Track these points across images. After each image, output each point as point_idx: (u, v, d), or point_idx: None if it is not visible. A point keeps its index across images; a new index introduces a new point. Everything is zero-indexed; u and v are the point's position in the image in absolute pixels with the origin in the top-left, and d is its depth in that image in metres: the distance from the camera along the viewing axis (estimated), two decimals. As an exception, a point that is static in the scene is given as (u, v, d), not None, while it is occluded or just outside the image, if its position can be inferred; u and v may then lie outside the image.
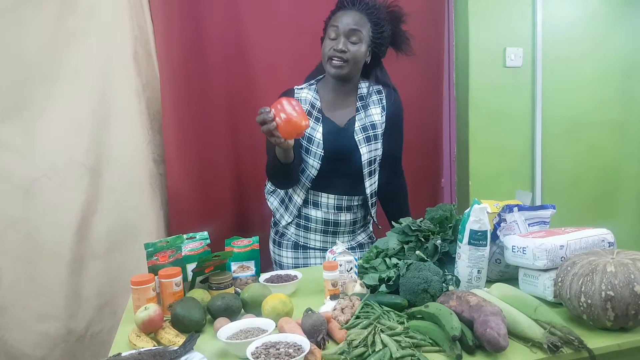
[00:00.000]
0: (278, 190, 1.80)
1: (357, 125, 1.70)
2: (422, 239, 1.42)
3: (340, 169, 1.69)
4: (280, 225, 1.79)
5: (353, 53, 1.62)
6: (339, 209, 1.73)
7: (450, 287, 1.26)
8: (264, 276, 1.48)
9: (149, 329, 1.16)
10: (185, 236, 1.49)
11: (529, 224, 1.41)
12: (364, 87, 1.75)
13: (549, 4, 2.54)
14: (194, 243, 1.47)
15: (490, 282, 1.33)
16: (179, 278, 1.31)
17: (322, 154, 1.66)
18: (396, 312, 1.19)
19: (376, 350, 1.00)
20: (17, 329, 1.81)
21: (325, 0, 1.71)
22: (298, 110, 1.38)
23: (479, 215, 1.27)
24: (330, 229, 1.75)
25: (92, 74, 1.85)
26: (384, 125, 1.74)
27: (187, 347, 1.05)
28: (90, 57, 1.85)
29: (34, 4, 1.76)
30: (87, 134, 1.86)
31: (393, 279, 1.30)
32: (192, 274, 1.39)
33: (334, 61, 1.62)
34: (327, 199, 1.72)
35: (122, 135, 1.91)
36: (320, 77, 1.76)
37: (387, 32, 1.69)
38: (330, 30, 1.64)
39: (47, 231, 1.82)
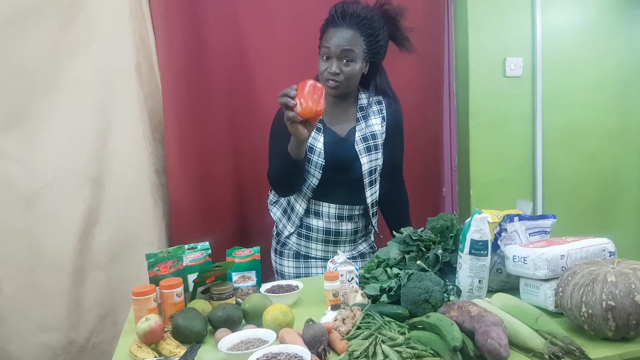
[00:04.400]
0: (280, 200, 1.80)
1: (358, 135, 1.70)
2: (423, 249, 1.42)
3: (341, 179, 1.70)
4: (283, 236, 1.79)
5: (347, 73, 1.61)
6: (340, 218, 1.73)
7: (452, 297, 1.26)
8: (265, 286, 1.48)
9: (150, 339, 1.16)
10: (186, 246, 1.49)
11: (529, 234, 1.41)
12: (364, 97, 1.76)
13: (548, 14, 2.56)
14: (195, 253, 1.47)
15: (491, 292, 1.33)
16: (180, 289, 1.31)
17: (323, 163, 1.66)
18: (397, 322, 1.18)
19: (377, 361, 1.00)
20: (18, 339, 1.81)
21: (326, 11, 1.72)
22: (316, 95, 1.39)
23: (479, 225, 1.27)
24: (332, 239, 1.75)
25: (94, 85, 1.87)
26: (384, 135, 1.74)
27: (188, 358, 1.05)
28: (92, 68, 1.86)
29: (36, 15, 1.78)
30: (89, 145, 1.87)
31: (394, 289, 1.30)
32: (193, 284, 1.39)
33: (329, 82, 1.62)
34: (329, 209, 1.72)
35: (123, 146, 1.92)
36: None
37: (383, 39, 1.68)
38: (323, 51, 1.63)
39: (48, 241, 1.82)
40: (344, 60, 1.61)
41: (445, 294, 1.25)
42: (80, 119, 1.86)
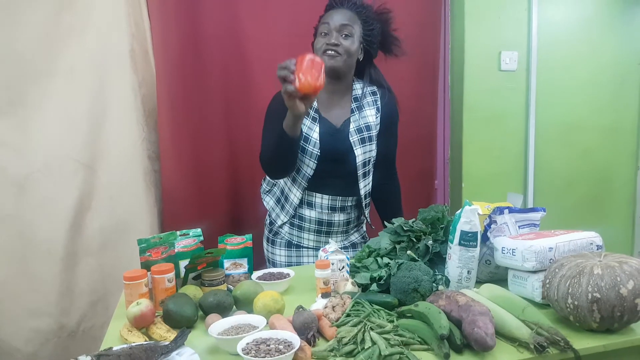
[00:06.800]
0: (274, 189, 1.81)
1: (352, 126, 1.71)
2: (414, 239, 1.43)
3: (334, 170, 1.70)
4: (276, 225, 1.80)
5: (346, 46, 1.63)
6: (333, 209, 1.74)
7: (440, 287, 1.27)
8: (256, 274, 1.49)
9: (141, 324, 1.17)
10: (178, 233, 1.49)
11: (519, 226, 1.43)
12: (358, 88, 1.76)
13: (545, 8, 2.56)
14: (187, 240, 1.48)
15: (480, 282, 1.34)
16: (172, 274, 1.31)
17: (319, 153, 1.66)
18: (386, 310, 1.20)
19: (365, 347, 1.01)
20: (9, 324, 1.81)
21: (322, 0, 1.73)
22: (316, 70, 1.38)
23: (469, 216, 1.28)
24: (324, 229, 1.76)
25: (88, 70, 1.86)
26: (378, 126, 1.75)
27: (178, 343, 1.06)
28: (86, 53, 1.85)
29: (31, 0, 1.76)
30: (82, 130, 1.87)
31: (384, 278, 1.31)
32: (184, 270, 1.40)
33: (328, 52, 1.62)
34: (322, 199, 1.73)
35: (117, 132, 1.91)
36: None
37: (377, 30, 1.70)
38: (321, 28, 1.65)
39: (40, 227, 1.82)
40: (343, 35, 1.62)
41: (434, 284, 1.26)
42: (74, 104, 1.85)
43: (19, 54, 1.78)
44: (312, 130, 1.67)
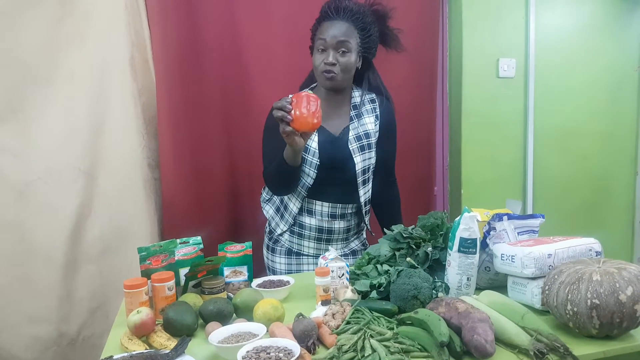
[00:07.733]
0: (274, 198, 1.81)
1: (351, 134, 1.71)
2: (414, 246, 1.43)
3: (334, 178, 1.70)
4: (276, 233, 1.80)
5: (344, 64, 1.63)
6: (333, 216, 1.74)
7: (440, 294, 1.27)
8: (256, 281, 1.49)
9: (141, 332, 1.17)
10: (178, 241, 1.50)
11: (518, 233, 1.43)
12: (357, 95, 1.76)
13: (542, 15, 2.58)
14: (187, 248, 1.48)
15: (479, 289, 1.34)
16: (172, 282, 1.31)
17: (318, 163, 1.67)
18: (386, 318, 1.20)
19: (365, 355, 1.01)
20: (9, 331, 1.81)
21: (320, 7, 1.73)
22: (312, 108, 1.39)
23: (468, 223, 1.28)
24: (324, 237, 1.76)
25: (88, 77, 1.87)
26: (377, 134, 1.75)
27: (178, 351, 1.06)
28: (86, 61, 1.86)
29: (32, 7, 1.77)
30: (83, 138, 1.87)
31: (384, 285, 1.31)
32: (184, 278, 1.40)
33: (325, 74, 1.63)
34: (322, 207, 1.73)
35: (117, 140, 1.92)
36: (314, 85, 1.78)
37: (375, 34, 1.70)
38: (318, 43, 1.64)
39: (40, 234, 1.82)
40: (340, 51, 1.62)
41: (433, 291, 1.26)
42: (74, 111, 1.86)
43: (20, 61, 1.79)
44: (311, 140, 1.67)
